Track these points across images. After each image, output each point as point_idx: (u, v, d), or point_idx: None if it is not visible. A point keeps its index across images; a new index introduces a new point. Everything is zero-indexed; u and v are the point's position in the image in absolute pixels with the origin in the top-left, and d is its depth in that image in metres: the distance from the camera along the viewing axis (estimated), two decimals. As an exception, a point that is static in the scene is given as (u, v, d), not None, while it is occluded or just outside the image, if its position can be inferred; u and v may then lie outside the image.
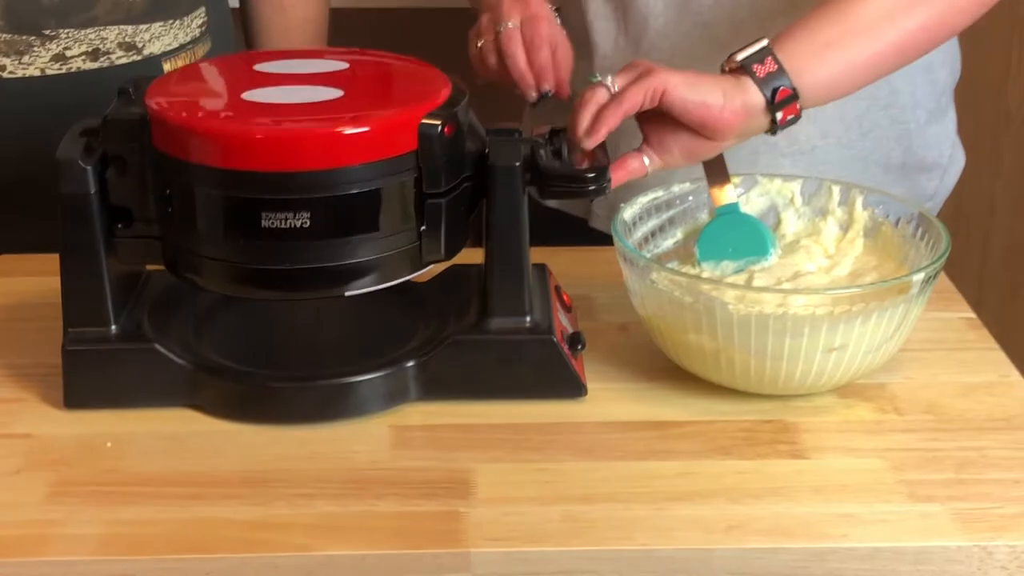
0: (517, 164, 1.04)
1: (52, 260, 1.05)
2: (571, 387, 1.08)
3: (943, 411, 1.07)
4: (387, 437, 1.04)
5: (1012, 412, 1.07)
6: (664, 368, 1.11)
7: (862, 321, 1.02)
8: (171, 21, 1.41)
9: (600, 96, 1.10)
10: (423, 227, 1.03)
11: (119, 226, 1.05)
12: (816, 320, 1.02)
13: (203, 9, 1.45)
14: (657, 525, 0.94)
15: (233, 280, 1.03)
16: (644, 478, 0.99)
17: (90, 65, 1.35)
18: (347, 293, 1.03)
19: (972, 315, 1.21)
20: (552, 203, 1.38)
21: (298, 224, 0.99)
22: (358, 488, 0.98)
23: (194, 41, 1.44)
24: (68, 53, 1.33)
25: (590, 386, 1.08)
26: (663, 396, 1.09)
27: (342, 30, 1.64)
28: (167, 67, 1.41)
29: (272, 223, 0.99)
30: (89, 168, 1.02)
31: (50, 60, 1.32)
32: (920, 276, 1.04)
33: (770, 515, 0.95)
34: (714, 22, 1.33)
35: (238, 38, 1.58)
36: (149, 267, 1.12)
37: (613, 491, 0.97)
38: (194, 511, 0.95)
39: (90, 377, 1.06)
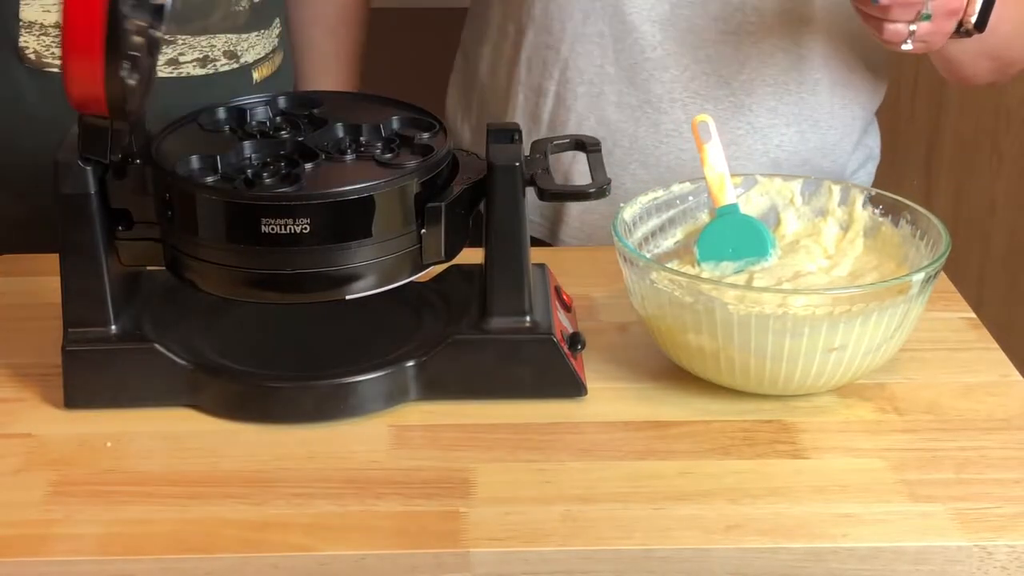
0: (517, 164, 1.05)
1: (52, 260, 1.05)
2: (571, 387, 1.08)
3: (943, 411, 1.07)
4: (387, 437, 1.04)
5: (1012, 412, 1.07)
6: (664, 368, 1.11)
7: (862, 321, 1.02)
8: (262, 31, 1.43)
9: None
10: (423, 230, 1.04)
11: (120, 228, 1.05)
12: (816, 320, 1.02)
13: (279, 19, 1.47)
14: (656, 525, 0.94)
15: (234, 284, 1.03)
16: (643, 478, 0.99)
17: (199, 71, 1.38)
18: (348, 296, 1.03)
19: (972, 315, 1.21)
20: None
21: (298, 230, 0.99)
22: (358, 488, 0.98)
23: (274, 50, 1.46)
24: (182, 59, 1.36)
25: (590, 386, 1.08)
26: (663, 396, 1.09)
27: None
28: (256, 75, 1.43)
29: (272, 229, 0.99)
30: (89, 169, 1.02)
31: (165, 64, 1.34)
32: (920, 276, 1.04)
33: (770, 515, 0.95)
34: (717, 57, 1.34)
35: None
36: (149, 267, 1.12)
37: (612, 491, 0.97)
38: (194, 511, 0.95)
39: (90, 377, 1.06)
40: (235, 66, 1.40)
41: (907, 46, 1.14)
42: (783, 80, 1.36)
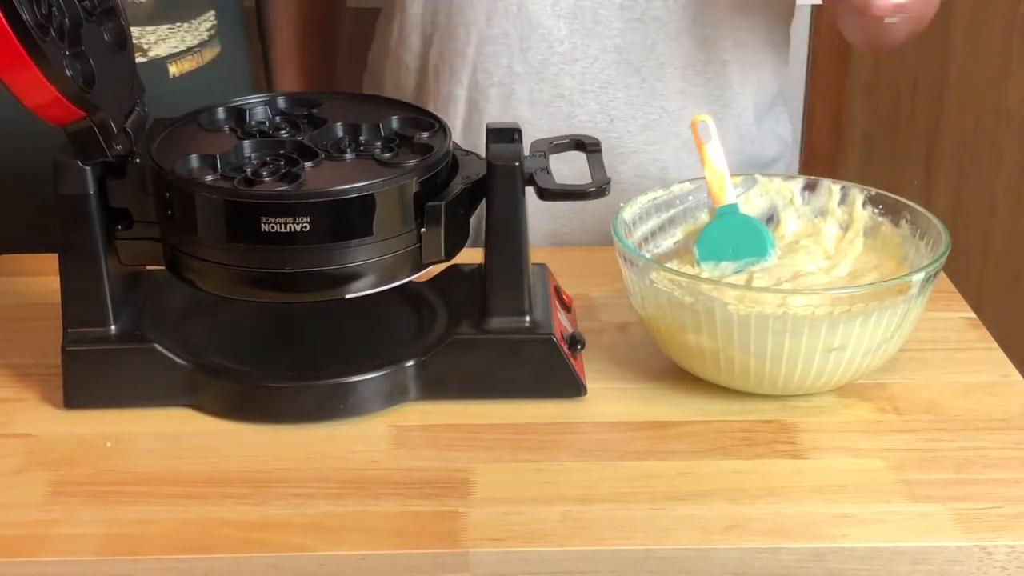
0: (517, 164, 1.05)
1: (52, 260, 1.05)
2: (571, 387, 1.08)
3: (943, 411, 1.07)
4: (387, 437, 1.04)
5: (1012, 412, 1.07)
6: (664, 368, 1.11)
7: (862, 321, 1.02)
8: (179, 24, 1.41)
9: None
10: (423, 229, 1.04)
11: (119, 227, 1.05)
12: (816, 320, 1.02)
13: (212, 13, 1.45)
14: (656, 525, 0.94)
15: (234, 283, 1.03)
16: (643, 478, 0.99)
17: None
18: (347, 296, 1.03)
19: (972, 315, 1.21)
20: None
21: (298, 228, 0.99)
22: (357, 488, 0.98)
23: (202, 44, 1.44)
24: None
25: (590, 386, 1.08)
26: (663, 396, 1.09)
27: (345, 31, 1.64)
28: (173, 70, 1.41)
29: (272, 228, 0.99)
30: (88, 169, 1.02)
31: None
32: (920, 276, 1.04)
33: (769, 515, 0.95)
34: (625, 45, 1.34)
35: (252, 41, 1.58)
36: (149, 267, 1.12)
37: (612, 491, 0.97)
38: (194, 511, 0.95)
39: (90, 377, 1.06)
40: (143, 60, 1.37)
41: (892, 19, 1.14)
42: (690, 63, 1.37)
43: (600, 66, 1.35)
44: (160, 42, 1.39)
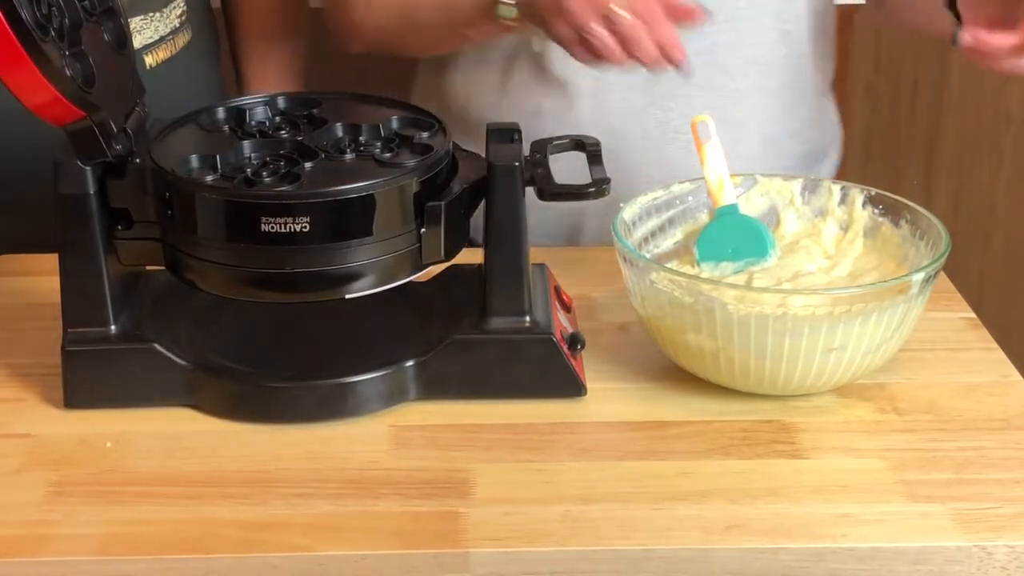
0: (517, 164, 1.05)
1: (52, 260, 1.05)
2: (571, 387, 1.08)
3: (943, 411, 1.07)
4: (387, 437, 1.04)
5: (1012, 412, 1.07)
6: (664, 368, 1.11)
7: (862, 321, 1.02)
8: (151, 14, 1.40)
9: None
10: (423, 229, 1.04)
11: (119, 228, 1.05)
12: (816, 320, 1.02)
13: (181, 0, 1.45)
14: (656, 525, 0.94)
15: (234, 283, 1.03)
16: (643, 478, 0.99)
17: None
18: (347, 296, 1.03)
19: (972, 315, 1.21)
20: None
21: (298, 229, 0.99)
22: (357, 488, 0.98)
23: (174, 32, 1.43)
24: None
25: (590, 386, 1.08)
26: (663, 396, 1.09)
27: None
28: (149, 60, 1.40)
29: (272, 228, 0.99)
30: (88, 169, 1.02)
31: None
32: (920, 276, 1.04)
33: (769, 515, 0.95)
34: (714, 47, 1.33)
35: (219, 28, 1.58)
36: (149, 267, 1.12)
37: (612, 491, 0.97)
38: (194, 511, 0.95)
39: (90, 377, 1.06)
40: None
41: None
42: (770, 57, 1.37)
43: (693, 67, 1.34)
44: (135, 34, 1.38)
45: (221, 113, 1.12)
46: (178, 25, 1.43)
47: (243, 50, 1.57)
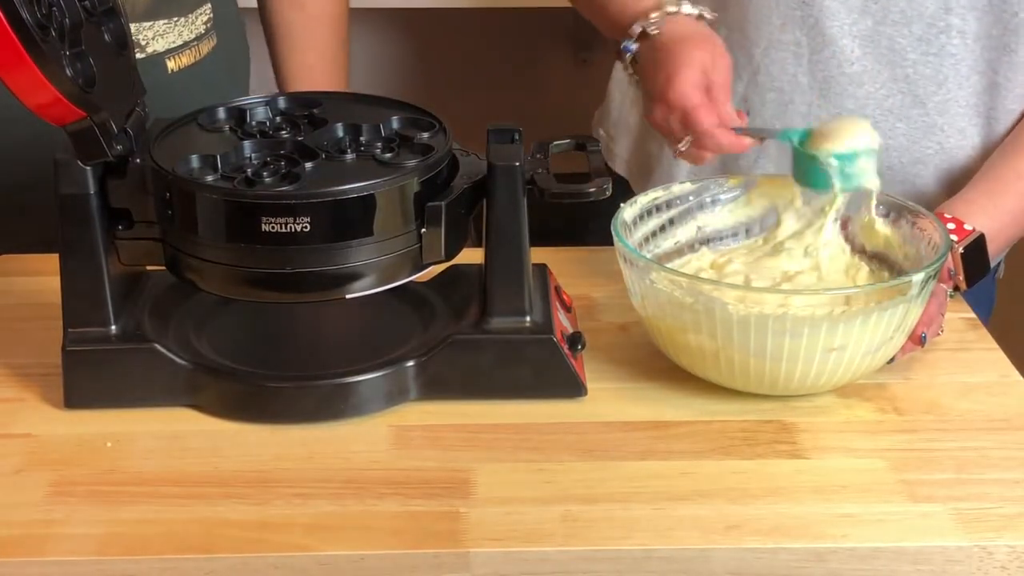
0: (517, 164, 1.05)
1: (52, 260, 1.05)
2: (571, 387, 1.08)
3: (943, 411, 1.07)
4: (387, 437, 1.04)
5: (1012, 412, 1.07)
6: (664, 368, 1.11)
7: (862, 321, 1.02)
8: (175, 19, 1.40)
9: None
10: (423, 229, 1.04)
11: (119, 227, 1.05)
12: (816, 320, 1.02)
13: (208, 6, 1.45)
14: (657, 525, 0.94)
15: (235, 283, 1.03)
16: (644, 478, 0.99)
17: None
18: (348, 296, 1.03)
19: (972, 315, 1.21)
20: None
21: (298, 229, 0.99)
22: (358, 488, 0.98)
23: (198, 38, 1.43)
24: None
25: (590, 386, 1.08)
26: (663, 396, 1.09)
27: (357, 30, 1.64)
28: (171, 65, 1.40)
29: (272, 228, 0.99)
30: (88, 169, 1.02)
31: None
32: (920, 276, 1.04)
33: (770, 515, 0.95)
34: (915, 76, 1.32)
35: (249, 34, 1.58)
36: (149, 267, 1.12)
37: (613, 491, 0.97)
38: (194, 511, 0.95)
39: (90, 377, 1.06)
40: (141, 56, 1.36)
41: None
42: (975, 103, 1.34)
43: (886, 93, 1.33)
44: (158, 37, 1.39)
45: (222, 113, 1.12)
46: (203, 31, 1.43)
47: (273, 27, 1.56)
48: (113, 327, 1.06)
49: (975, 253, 1.18)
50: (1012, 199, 1.25)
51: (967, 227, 1.18)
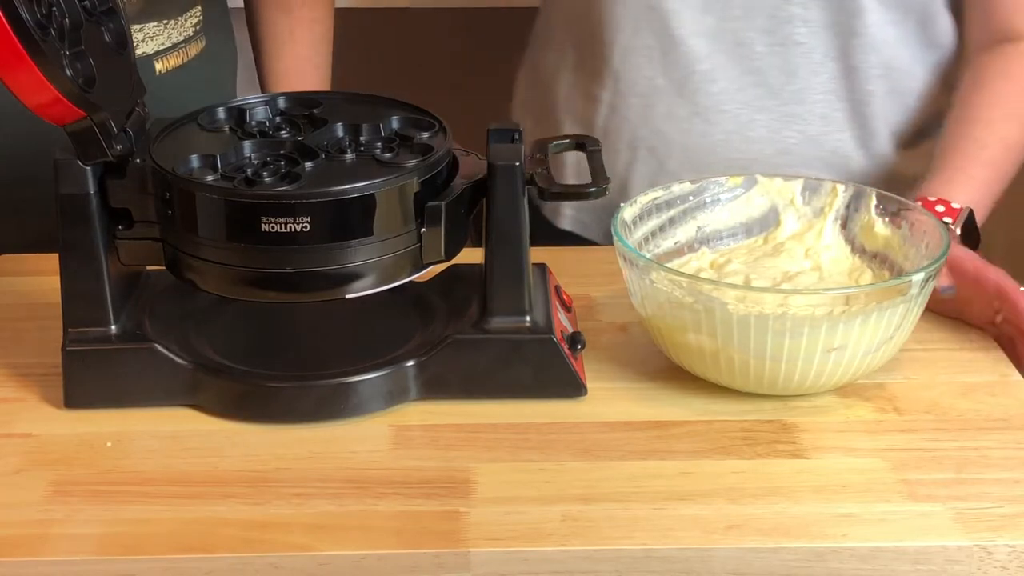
0: (517, 164, 1.05)
1: (52, 260, 1.05)
2: (571, 387, 1.08)
3: (943, 411, 1.07)
4: (387, 437, 1.04)
5: (1012, 412, 1.07)
6: (664, 368, 1.11)
7: (862, 321, 1.02)
8: (165, 21, 1.40)
9: None
10: (423, 229, 1.04)
11: (119, 227, 1.05)
12: (816, 320, 1.02)
13: (198, 8, 1.45)
14: (657, 525, 0.94)
15: (234, 283, 1.03)
16: (644, 478, 0.99)
17: None
18: (348, 296, 1.03)
19: (972, 315, 1.21)
20: None
21: (298, 228, 0.99)
22: (358, 488, 0.98)
23: (187, 40, 1.43)
24: None
25: (590, 386, 1.08)
26: (663, 396, 1.09)
27: (345, 31, 1.64)
28: (159, 67, 1.40)
29: (272, 227, 0.99)
30: (88, 169, 1.02)
31: None
32: (920, 276, 1.04)
33: (770, 515, 0.95)
34: (766, 68, 1.34)
35: (237, 37, 1.58)
36: (149, 267, 1.12)
37: (613, 491, 0.97)
38: (194, 511, 0.95)
39: (90, 377, 1.06)
40: None
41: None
42: (834, 88, 1.36)
43: (738, 87, 1.36)
44: (147, 40, 1.39)
45: (221, 113, 1.12)
46: (192, 33, 1.43)
47: (258, 28, 1.55)
48: (113, 327, 1.06)
49: (969, 228, 1.21)
50: (981, 169, 1.27)
51: (955, 205, 1.21)
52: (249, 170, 1.02)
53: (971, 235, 1.21)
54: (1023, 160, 1.32)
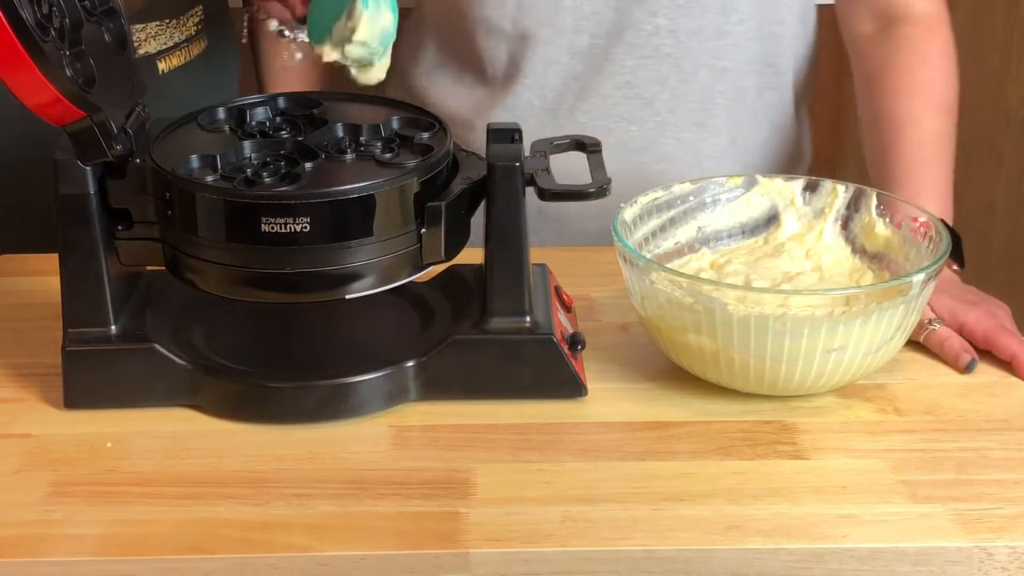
0: (517, 164, 1.04)
1: (52, 260, 1.05)
2: (571, 387, 1.08)
3: (943, 412, 1.07)
4: (387, 437, 1.04)
5: (1012, 412, 1.07)
6: (664, 368, 1.11)
7: (862, 322, 1.02)
8: (168, 21, 1.40)
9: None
10: (423, 229, 1.04)
11: (119, 228, 1.05)
12: (816, 321, 1.02)
13: (200, 8, 1.45)
14: (657, 525, 0.94)
15: (234, 284, 1.03)
16: (644, 478, 0.99)
17: None
18: (348, 296, 1.03)
19: (972, 315, 1.21)
20: None
21: (298, 229, 0.99)
22: (358, 488, 0.98)
23: (189, 40, 1.43)
24: None
25: (590, 386, 1.08)
26: (663, 396, 1.09)
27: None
28: (161, 66, 1.41)
29: (272, 228, 0.99)
30: (88, 169, 1.02)
31: None
32: (920, 276, 1.04)
33: (770, 515, 0.95)
34: (637, 82, 1.36)
35: (237, 35, 1.58)
36: (149, 267, 1.12)
37: (613, 491, 0.97)
38: (194, 511, 0.95)
39: (90, 377, 1.06)
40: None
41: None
42: (707, 95, 1.38)
43: (613, 102, 1.37)
44: (150, 39, 1.39)
45: (221, 113, 1.12)
46: (194, 33, 1.44)
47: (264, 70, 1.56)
48: (113, 327, 1.06)
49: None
50: (930, 171, 1.27)
51: (922, 219, 1.20)
52: (249, 170, 1.02)
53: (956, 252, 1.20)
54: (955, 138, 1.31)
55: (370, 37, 1.06)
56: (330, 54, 1.07)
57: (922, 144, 1.28)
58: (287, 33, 1.17)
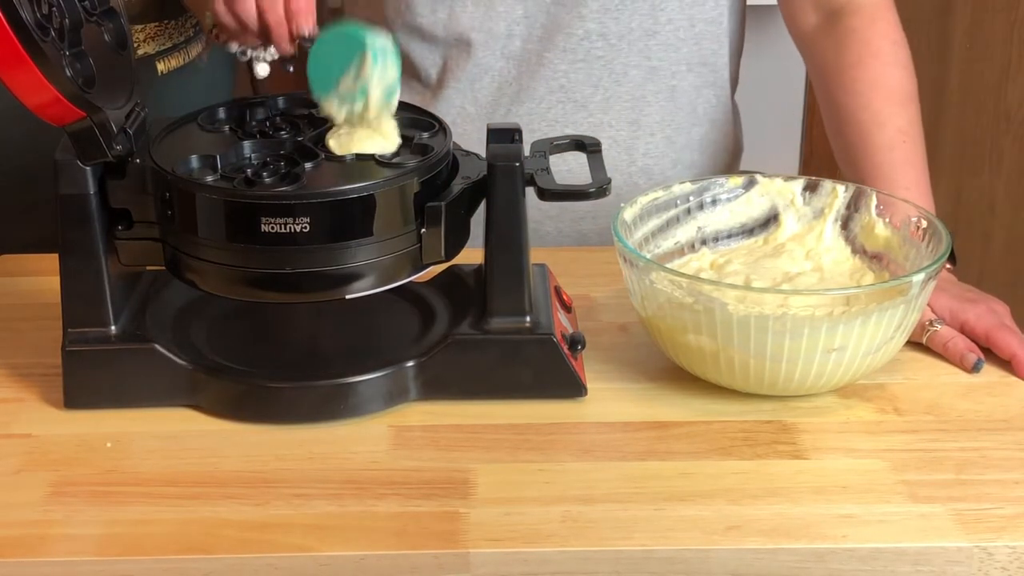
0: (517, 164, 1.04)
1: (52, 260, 1.05)
2: (571, 387, 1.08)
3: (943, 412, 1.07)
4: (387, 437, 1.04)
5: (1012, 412, 1.07)
6: (664, 368, 1.11)
7: (862, 322, 1.02)
8: (166, 22, 1.40)
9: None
10: (423, 229, 1.04)
11: (119, 228, 1.05)
12: (816, 321, 1.02)
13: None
14: (656, 525, 0.94)
15: (234, 283, 1.03)
16: (644, 478, 0.99)
17: None
18: (348, 296, 1.03)
19: (972, 315, 1.21)
20: None
21: (298, 229, 0.99)
22: (358, 488, 0.98)
23: (188, 41, 1.43)
24: None
25: (590, 386, 1.08)
26: (663, 396, 1.09)
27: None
28: (160, 67, 1.41)
29: (272, 228, 0.99)
30: (88, 169, 1.02)
31: None
32: (920, 276, 1.04)
33: (770, 516, 0.95)
34: (570, 85, 1.37)
35: None
36: (149, 267, 1.12)
37: (613, 491, 0.97)
38: (194, 511, 0.95)
39: (90, 377, 1.06)
40: None
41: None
42: (640, 94, 1.39)
43: (547, 106, 1.38)
44: (149, 40, 1.39)
45: (221, 113, 1.12)
46: (193, 34, 1.44)
47: None
48: (113, 327, 1.06)
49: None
50: (907, 171, 1.26)
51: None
52: (249, 170, 1.02)
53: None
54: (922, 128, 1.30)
55: (379, 96, 1.06)
56: (338, 112, 1.07)
57: (892, 146, 1.27)
58: (249, 53, 1.17)
